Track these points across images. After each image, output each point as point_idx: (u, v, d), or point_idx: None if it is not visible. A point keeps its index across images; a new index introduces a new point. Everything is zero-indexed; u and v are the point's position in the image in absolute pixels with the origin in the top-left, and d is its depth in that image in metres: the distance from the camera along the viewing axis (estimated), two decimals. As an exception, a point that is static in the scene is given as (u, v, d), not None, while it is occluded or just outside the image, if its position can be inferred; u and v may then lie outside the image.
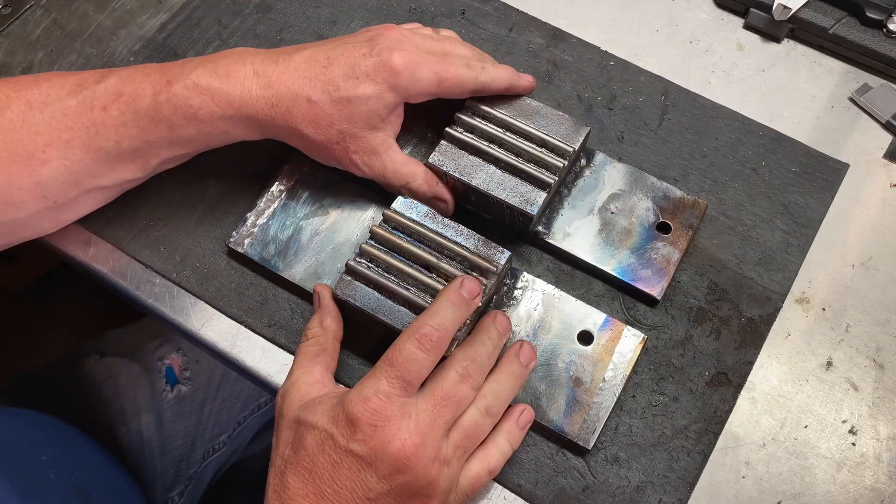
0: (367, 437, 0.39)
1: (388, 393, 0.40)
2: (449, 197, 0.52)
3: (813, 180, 0.55)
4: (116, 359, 0.73)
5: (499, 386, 0.44)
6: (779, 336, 0.51)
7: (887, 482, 0.47)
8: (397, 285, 0.47)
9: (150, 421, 0.70)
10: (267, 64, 0.48)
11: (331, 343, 0.47)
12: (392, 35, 0.48)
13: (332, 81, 0.47)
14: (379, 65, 0.47)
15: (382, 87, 0.47)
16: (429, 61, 0.48)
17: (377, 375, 0.41)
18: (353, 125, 0.48)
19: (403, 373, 0.40)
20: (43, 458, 0.58)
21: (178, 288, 0.54)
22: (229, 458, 0.78)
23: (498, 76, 0.51)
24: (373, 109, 0.48)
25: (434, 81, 0.48)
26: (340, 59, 0.47)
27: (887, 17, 0.58)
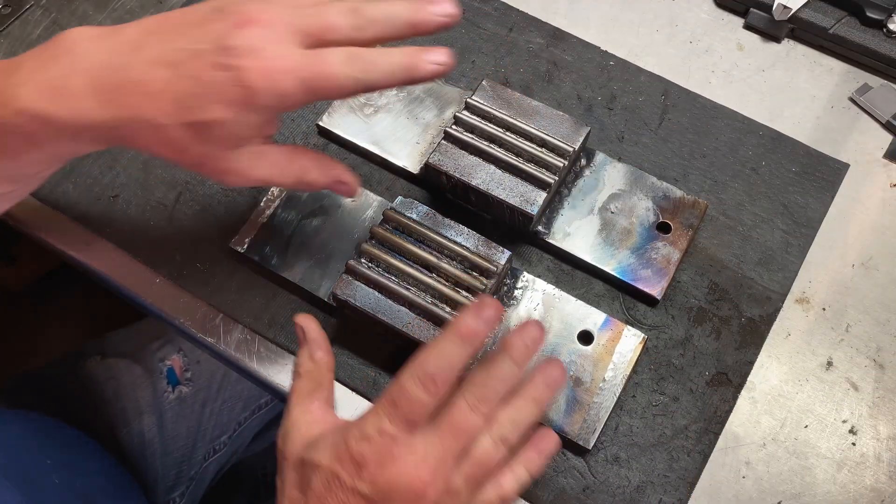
0: (373, 476, 0.37)
1: (392, 432, 0.38)
2: (349, 177, 0.46)
3: (813, 180, 0.55)
4: (118, 360, 0.73)
5: (517, 414, 0.40)
6: (779, 336, 0.51)
7: (887, 482, 0.47)
8: (397, 285, 0.47)
9: (151, 422, 0.70)
10: (107, 74, 0.39)
11: (325, 376, 0.46)
12: (248, 35, 0.38)
13: (179, 101, 0.39)
14: (231, 82, 0.38)
15: (240, 108, 0.39)
16: (295, 67, 0.38)
17: (379, 412, 0.38)
18: (211, 148, 0.41)
19: (406, 413, 0.38)
20: (48, 462, 0.58)
21: (179, 288, 0.54)
22: (230, 458, 0.78)
23: (390, 69, 0.40)
24: (232, 132, 0.40)
25: (304, 91, 0.39)
26: (186, 70, 0.38)
27: (887, 17, 0.58)
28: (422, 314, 0.47)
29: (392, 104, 0.58)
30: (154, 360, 0.73)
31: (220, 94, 0.38)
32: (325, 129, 0.57)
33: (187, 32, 0.40)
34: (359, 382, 0.50)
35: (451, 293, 0.47)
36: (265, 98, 0.39)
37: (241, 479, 0.94)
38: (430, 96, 0.58)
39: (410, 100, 0.58)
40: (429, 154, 0.53)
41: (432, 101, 0.57)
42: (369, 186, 0.56)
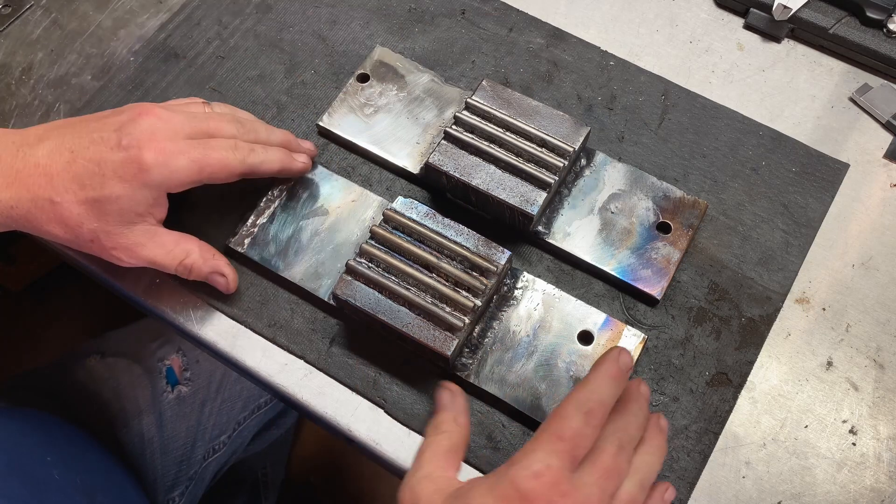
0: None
1: (560, 467, 0.37)
2: (229, 271, 0.50)
3: (813, 180, 0.55)
4: (117, 359, 0.73)
5: (650, 458, 0.42)
6: (779, 336, 0.51)
7: (887, 482, 0.47)
8: (397, 285, 0.47)
9: (150, 421, 0.70)
10: (7, 159, 0.45)
11: (463, 440, 0.44)
12: (144, 123, 0.45)
13: (77, 179, 0.44)
14: (127, 160, 0.44)
15: (133, 184, 0.44)
16: (185, 149, 0.45)
17: (545, 448, 0.38)
18: (105, 223, 0.45)
19: (572, 448, 0.38)
20: (48, 458, 0.58)
21: (179, 288, 0.54)
22: (229, 458, 0.78)
23: (269, 158, 0.49)
24: (125, 208, 0.45)
25: (194, 170, 0.45)
26: (86, 154, 0.44)
27: (887, 17, 0.58)
28: (422, 314, 0.47)
29: (392, 104, 0.58)
30: (153, 359, 0.73)
31: (116, 171, 0.44)
32: (325, 129, 0.57)
33: (89, 125, 0.46)
34: (358, 382, 0.50)
35: (451, 293, 0.47)
36: (157, 175, 0.44)
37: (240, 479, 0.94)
38: (430, 96, 0.58)
39: (410, 100, 0.58)
40: (429, 154, 0.53)
41: (432, 101, 0.57)
42: (369, 186, 0.56)
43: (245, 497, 0.95)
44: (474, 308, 0.46)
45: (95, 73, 0.62)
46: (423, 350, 0.47)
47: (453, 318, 0.46)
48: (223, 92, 0.60)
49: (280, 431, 0.92)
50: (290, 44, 0.62)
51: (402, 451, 0.49)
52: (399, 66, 0.59)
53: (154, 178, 0.44)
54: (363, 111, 0.57)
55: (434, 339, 0.46)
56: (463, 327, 0.46)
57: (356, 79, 0.59)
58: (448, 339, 0.46)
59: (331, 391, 0.51)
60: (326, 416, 0.50)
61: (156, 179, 0.44)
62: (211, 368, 0.75)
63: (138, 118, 0.45)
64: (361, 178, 0.57)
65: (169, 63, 0.62)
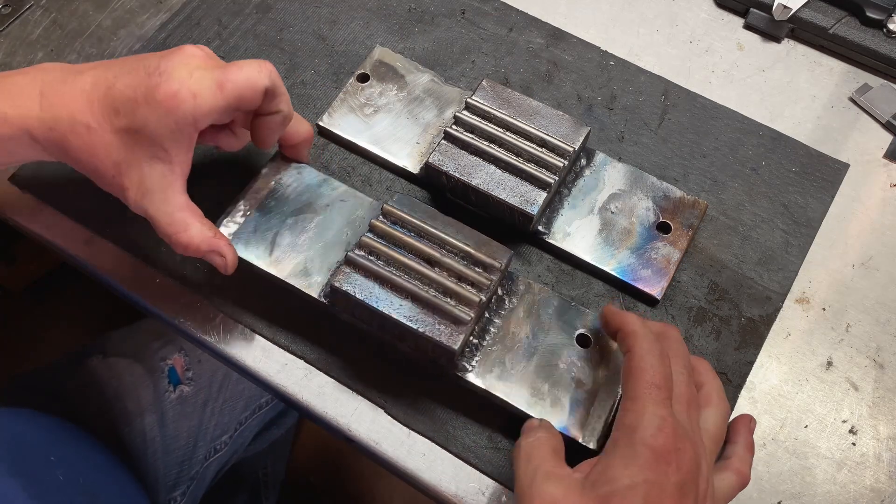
0: (680, 465, 0.38)
1: (669, 413, 0.39)
2: (229, 251, 0.48)
3: (813, 180, 0.55)
4: (119, 359, 0.73)
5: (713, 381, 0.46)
6: (779, 336, 0.51)
7: (887, 482, 0.47)
8: (400, 278, 0.46)
9: (152, 421, 0.70)
10: (56, 84, 0.45)
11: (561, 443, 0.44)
12: (184, 52, 0.45)
13: (113, 106, 0.44)
14: (157, 87, 0.43)
15: (160, 111, 0.43)
16: (208, 69, 0.44)
17: (652, 401, 0.39)
18: (131, 154, 0.44)
19: (668, 392, 0.40)
20: (52, 458, 0.58)
21: (179, 288, 0.54)
22: (231, 457, 0.78)
23: (288, 100, 0.48)
24: (153, 136, 0.44)
25: (216, 87, 0.44)
26: (124, 80, 0.44)
27: (887, 17, 0.58)
28: (426, 308, 0.46)
29: (392, 104, 0.58)
30: (155, 359, 0.73)
31: (147, 98, 0.43)
32: (325, 129, 0.57)
33: (135, 58, 0.46)
34: (359, 382, 0.50)
35: (455, 287, 0.46)
36: (183, 100, 0.43)
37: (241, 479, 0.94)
38: (430, 96, 0.58)
39: (410, 100, 0.58)
40: (429, 154, 0.53)
41: (432, 101, 0.58)
42: (369, 186, 0.56)
43: (246, 497, 0.95)
44: (479, 302, 0.46)
45: (96, 73, 0.62)
46: (427, 346, 0.46)
47: (459, 311, 0.45)
48: (223, 92, 0.60)
49: (281, 431, 0.92)
50: (290, 44, 0.62)
51: (402, 451, 0.49)
52: (399, 66, 0.59)
53: (181, 106, 0.43)
54: (363, 111, 0.57)
55: (440, 334, 0.45)
56: (469, 321, 0.45)
57: (356, 79, 0.59)
58: (454, 334, 0.45)
59: (331, 391, 0.51)
60: (326, 416, 0.50)
61: (182, 107, 0.43)
62: (213, 368, 0.75)
63: (180, 49, 0.45)
64: (361, 178, 0.57)
65: (169, 63, 0.62)
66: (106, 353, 0.74)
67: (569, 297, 0.52)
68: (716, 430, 0.42)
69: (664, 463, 0.37)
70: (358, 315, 0.48)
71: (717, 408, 0.43)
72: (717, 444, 0.43)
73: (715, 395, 0.44)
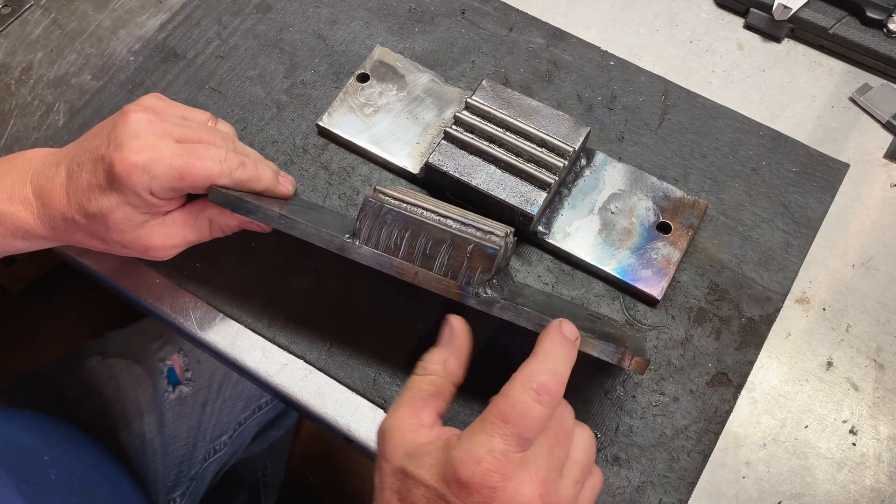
0: (485, 499, 0.36)
1: (504, 451, 0.36)
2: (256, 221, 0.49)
3: (813, 180, 0.55)
4: (118, 359, 0.73)
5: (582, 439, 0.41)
6: (779, 336, 0.51)
7: (888, 482, 0.47)
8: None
9: (152, 422, 0.70)
10: (44, 181, 0.47)
11: (448, 389, 0.43)
12: (131, 122, 0.45)
13: (83, 195, 0.45)
14: (109, 170, 0.44)
15: (119, 194, 0.44)
16: (169, 156, 0.44)
17: (488, 431, 0.37)
18: (119, 234, 0.46)
19: (520, 430, 0.36)
20: (45, 458, 0.58)
21: (178, 288, 0.54)
22: (230, 458, 0.78)
23: (257, 175, 0.48)
24: (122, 216, 0.45)
25: (175, 177, 0.44)
26: (85, 167, 0.45)
27: (887, 17, 0.58)
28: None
29: (392, 104, 0.58)
30: (154, 359, 0.73)
31: (101, 184, 0.44)
32: (325, 129, 0.57)
33: (92, 134, 0.47)
34: (358, 382, 0.50)
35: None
36: (138, 181, 0.44)
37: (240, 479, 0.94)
38: (430, 96, 0.58)
39: (410, 100, 0.58)
40: (429, 154, 0.53)
41: (432, 101, 0.57)
42: (369, 186, 0.56)
43: (245, 497, 0.95)
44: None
45: (95, 72, 0.62)
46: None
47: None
48: (223, 92, 0.60)
49: (280, 432, 0.92)
50: (290, 44, 0.62)
51: (403, 452, 0.49)
52: (399, 66, 0.59)
53: (136, 185, 0.44)
54: (363, 111, 0.57)
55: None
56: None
57: (356, 79, 0.59)
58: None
59: (331, 391, 0.51)
60: (326, 416, 0.50)
61: (137, 186, 0.44)
62: (212, 368, 0.75)
63: (127, 116, 0.45)
64: (361, 178, 0.57)
65: (168, 63, 0.62)
66: (105, 354, 0.74)
67: (569, 297, 0.52)
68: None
69: (458, 487, 0.36)
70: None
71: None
72: None
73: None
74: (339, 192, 0.56)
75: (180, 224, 0.48)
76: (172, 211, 0.48)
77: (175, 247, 0.49)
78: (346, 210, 0.55)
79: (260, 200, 0.47)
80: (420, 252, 0.44)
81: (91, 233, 0.47)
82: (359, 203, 0.55)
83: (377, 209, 0.44)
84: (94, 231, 0.46)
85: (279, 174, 0.51)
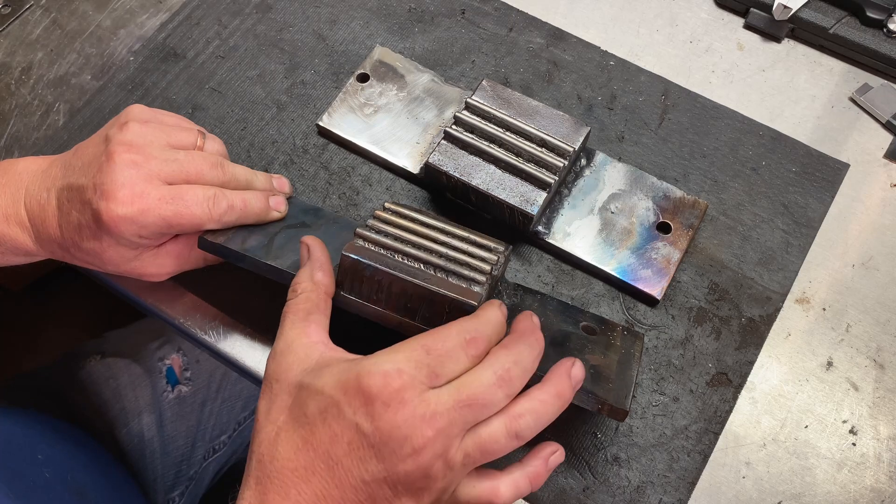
0: (377, 415, 0.35)
1: (413, 376, 0.35)
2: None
3: (813, 180, 0.55)
4: (117, 359, 0.73)
5: (540, 408, 0.38)
6: (779, 336, 0.51)
7: (888, 482, 0.47)
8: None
9: (150, 421, 0.70)
10: (37, 207, 0.47)
11: (323, 299, 0.42)
12: (117, 168, 0.44)
13: (74, 232, 0.46)
14: (96, 217, 0.44)
15: (106, 240, 0.45)
16: (156, 205, 0.44)
17: (406, 353, 0.36)
18: (113, 266, 0.47)
19: (436, 366, 0.36)
20: (38, 456, 0.58)
21: (179, 288, 0.54)
22: (229, 458, 0.78)
23: (247, 213, 0.48)
24: (118, 254, 0.46)
25: (163, 226, 0.45)
26: (75, 205, 0.45)
27: (887, 17, 0.58)
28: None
29: (392, 104, 0.58)
30: (153, 359, 0.73)
31: (90, 230, 0.45)
32: (325, 129, 0.57)
33: (76, 166, 0.47)
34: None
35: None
36: (126, 230, 0.44)
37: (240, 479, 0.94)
38: (430, 96, 0.58)
39: (410, 100, 0.58)
40: (429, 154, 0.53)
41: (432, 101, 0.57)
42: (369, 186, 0.56)
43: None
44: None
45: (95, 72, 0.62)
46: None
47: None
48: (223, 92, 0.60)
49: (280, 431, 0.91)
50: (290, 44, 0.62)
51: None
52: (399, 66, 0.59)
53: (124, 233, 0.44)
54: (363, 111, 0.57)
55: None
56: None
57: (356, 79, 0.59)
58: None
59: (331, 391, 0.51)
60: (326, 416, 0.50)
61: (126, 234, 0.45)
62: (211, 368, 0.75)
63: (112, 160, 0.44)
64: (361, 178, 0.57)
65: (168, 63, 0.62)
66: (104, 353, 0.73)
67: (569, 297, 0.52)
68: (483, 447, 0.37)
69: (357, 397, 0.35)
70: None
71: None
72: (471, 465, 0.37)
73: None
74: (339, 192, 0.56)
75: (174, 256, 0.49)
76: (166, 243, 0.48)
77: (169, 273, 0.50)
78: (345, 210, 0.55)
79: (248, 240, 0.48)
80: (402, 305, 0.44)
81: (87, 262, 0.48)
82: (359, 203, 0.55)
83: (354, 264, 0.44)
84: (90, 262, 0.48)
85: (270, 195, 0.50)
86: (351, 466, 0.35)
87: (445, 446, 0.35)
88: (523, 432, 0.37)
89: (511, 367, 0.37)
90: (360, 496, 0.35)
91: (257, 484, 0.37)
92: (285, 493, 0.36)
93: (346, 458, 0.35)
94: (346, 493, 0.35)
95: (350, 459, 0.35)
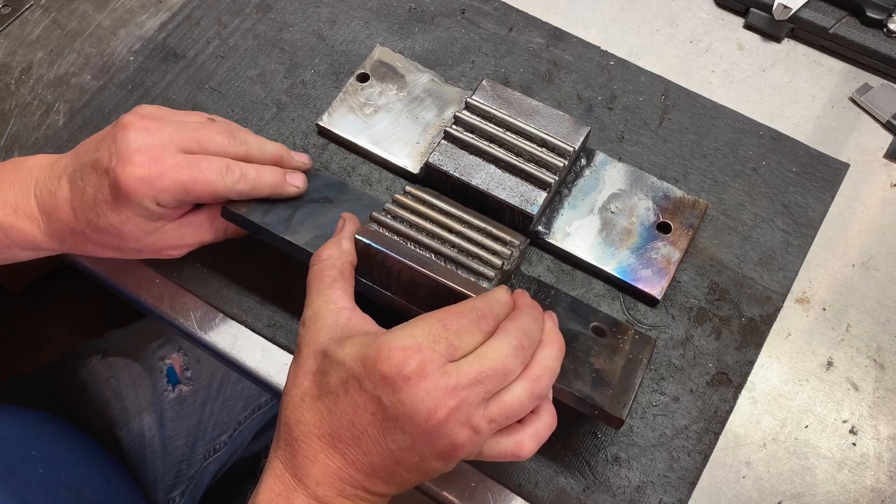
0: (397, 388, 0.36)
1: (432, 349, 0.36)
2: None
3: (813, 180, 0.55)
4: (118, 359, 0.73)
5: (553, 365, 0.40)
6: (779, 336, 0.51)
7: (888, 482, 0.47)
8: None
9: (151, 421, 0.70)
10: (47, 196, 0.47)
11: (347, 268, 0.43)
12: (131, 137, 0.44)
13: (90, 210, 0.46)
14: (114, 185, 0.44)
15: (125, 209, 0.45)
16: (172, 169, 0.45)
17: (423, 328, 0.37)
18: (132, 241, 0.47)
19: (454, 340, 0.37)
20: (33, 453, 0.58)
21: (179, 288, 0.54)
22: (230, 458, 0.78)
23: (260, 183, 0.48)
24: (137, 226, 0.46)
25: (180, 192, 0.45)
26: (88, 181, 0.45)
27: (887, 16, 0.58)
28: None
29: (392, 104, 0.58)
30: (154, 358, 0.73)
31: (107, 200, 0.45)
32: (325, 129, 0.57)
33: (89, 146, 0.47)
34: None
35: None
36: (143, 195, 0.44)
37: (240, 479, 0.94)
38: (430, 96, 0.58)
39: (410, 100, 0.58)
40: (429, 154, 0.53)
41: (432, 101, 0.57)
42: (369, 186, 0.56)
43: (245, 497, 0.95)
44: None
45: (95, 72, 0.62)
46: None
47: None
48: (223, 92, 0.60)
49: (280, 431, 0.91)
50: (290, 44, 0.62)
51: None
52: (399, 66, 0.59)
53: (142, 198, 0.44)
54: (363, 111, 0.57)
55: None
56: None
57: (356, 78, 0.59)
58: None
59: (331, 391, 0.51)
60: (326, 416, 0.50)
61: (144, 199, 0.45)
62: (212, 368, 0.75)
63: (127, 128, 0.45)
64: (361, 178, 0.57)
65: (168, 63, 0.62)
66: (105, 353, 0.73)
67: (569, 297, 0.52)
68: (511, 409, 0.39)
69: (376, 371, 0.36)
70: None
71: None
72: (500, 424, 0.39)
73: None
74: (339, 191, 0.56)
75: (197, 226, 0.49)
76: (188, 214, 0.48)
77: (190, 246, 0.50)
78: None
79: (269, 213, 0.48)
80: (409, 293, 0.45)
81: (103, 244, 0.47)
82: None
83: (366, 248, 0.44)
84: (107, 242, 0.47)
85: (286, 166, 0.50)
86: (377, 435, 0.37)
87: (468, 415, 0.37)
88: (543, 391, 0.39)
89: (523, 338, 0.39)
90: (387, 462, 0.37)
91: (286, 445, 0.39)
92: (313, 457, 0.37)
93: (370, 427, 0.37)
94: (374, 458, 0.37)
95: (375, 429, 0.37)
